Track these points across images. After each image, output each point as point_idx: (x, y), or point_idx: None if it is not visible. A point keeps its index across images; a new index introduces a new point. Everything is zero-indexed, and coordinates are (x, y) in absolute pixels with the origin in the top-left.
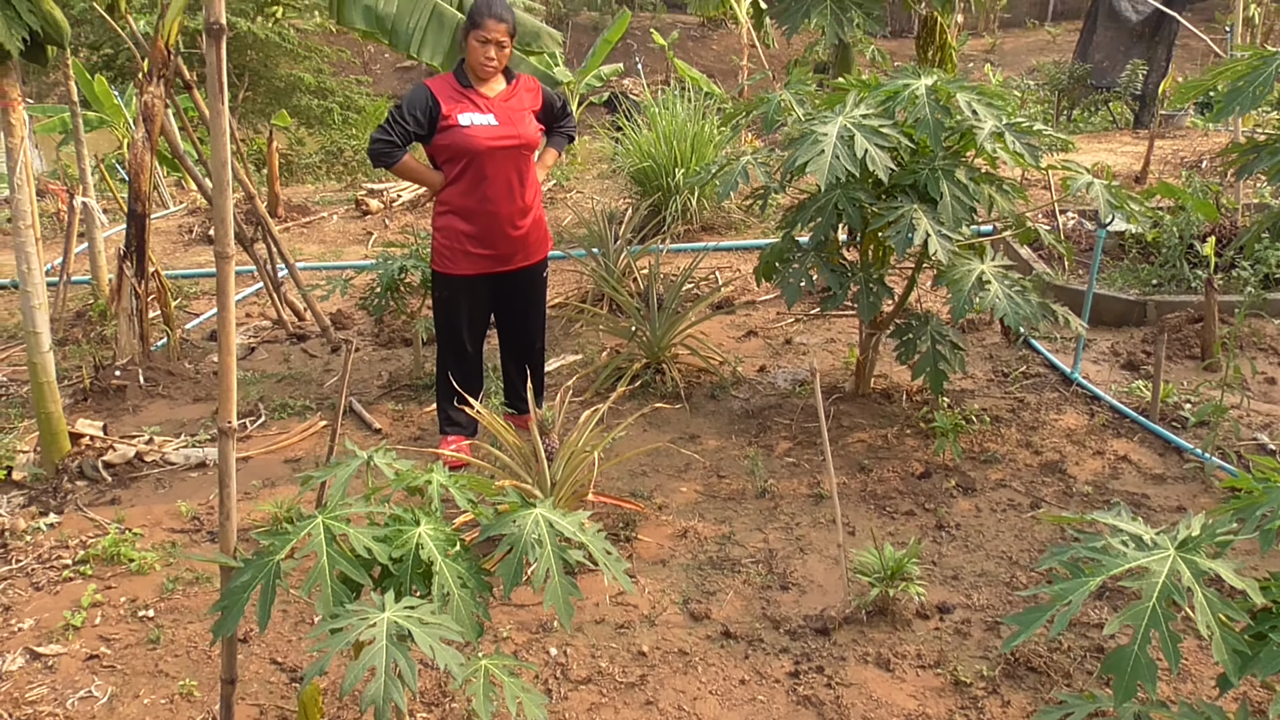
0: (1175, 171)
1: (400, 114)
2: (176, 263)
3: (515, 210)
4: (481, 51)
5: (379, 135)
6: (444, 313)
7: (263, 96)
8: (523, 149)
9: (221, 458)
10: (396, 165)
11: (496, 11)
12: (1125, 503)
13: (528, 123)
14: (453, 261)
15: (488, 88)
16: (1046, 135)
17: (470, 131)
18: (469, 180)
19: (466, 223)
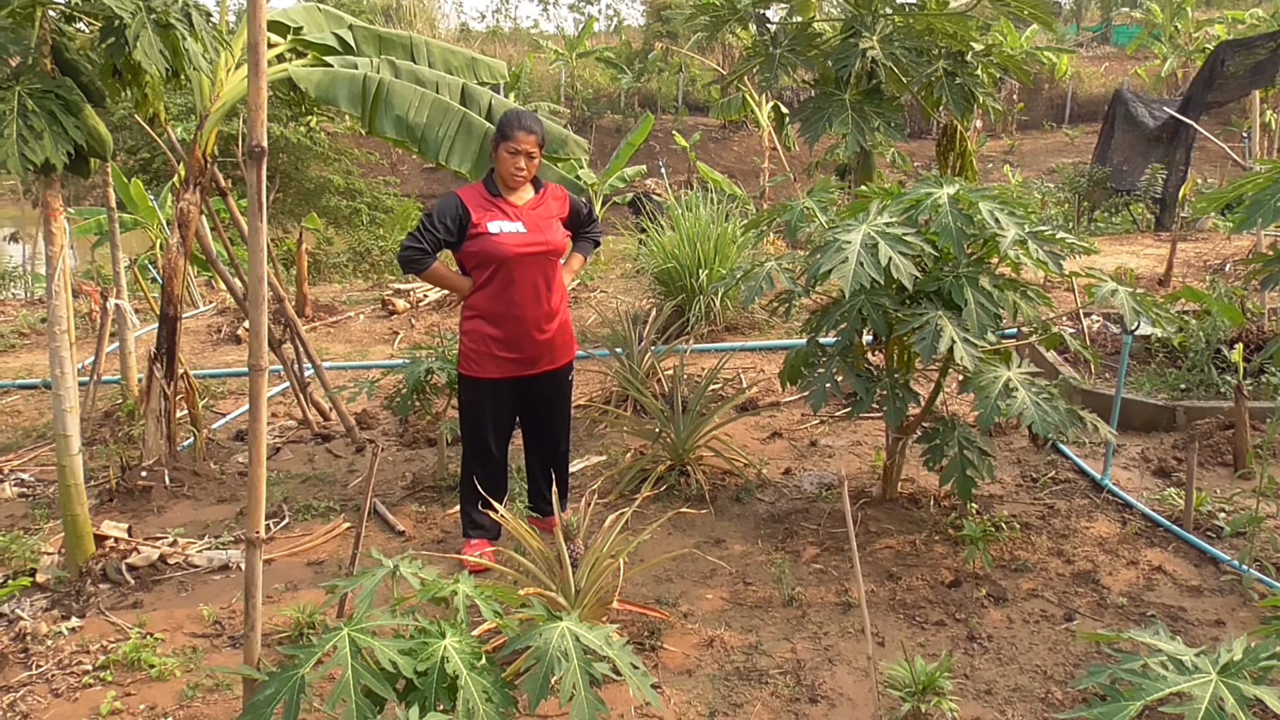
0: (1199, 275)
1: (431, 222)
2: (205, 362)
3: (542, 315)
4: (511, 162)
5: (410, 243)
6: (470, 416)
7: (293, 197)
8: (550, 255)
9: (248, 568)
10: (426, 271)
11: (526, 124)
12: (1161, 616)
13: (555, 230)
14: (479, 365)
15: (516, 196)
16: (1069, 242)
17: (499, 239)
18: (497, 285)
19: (494, 327)
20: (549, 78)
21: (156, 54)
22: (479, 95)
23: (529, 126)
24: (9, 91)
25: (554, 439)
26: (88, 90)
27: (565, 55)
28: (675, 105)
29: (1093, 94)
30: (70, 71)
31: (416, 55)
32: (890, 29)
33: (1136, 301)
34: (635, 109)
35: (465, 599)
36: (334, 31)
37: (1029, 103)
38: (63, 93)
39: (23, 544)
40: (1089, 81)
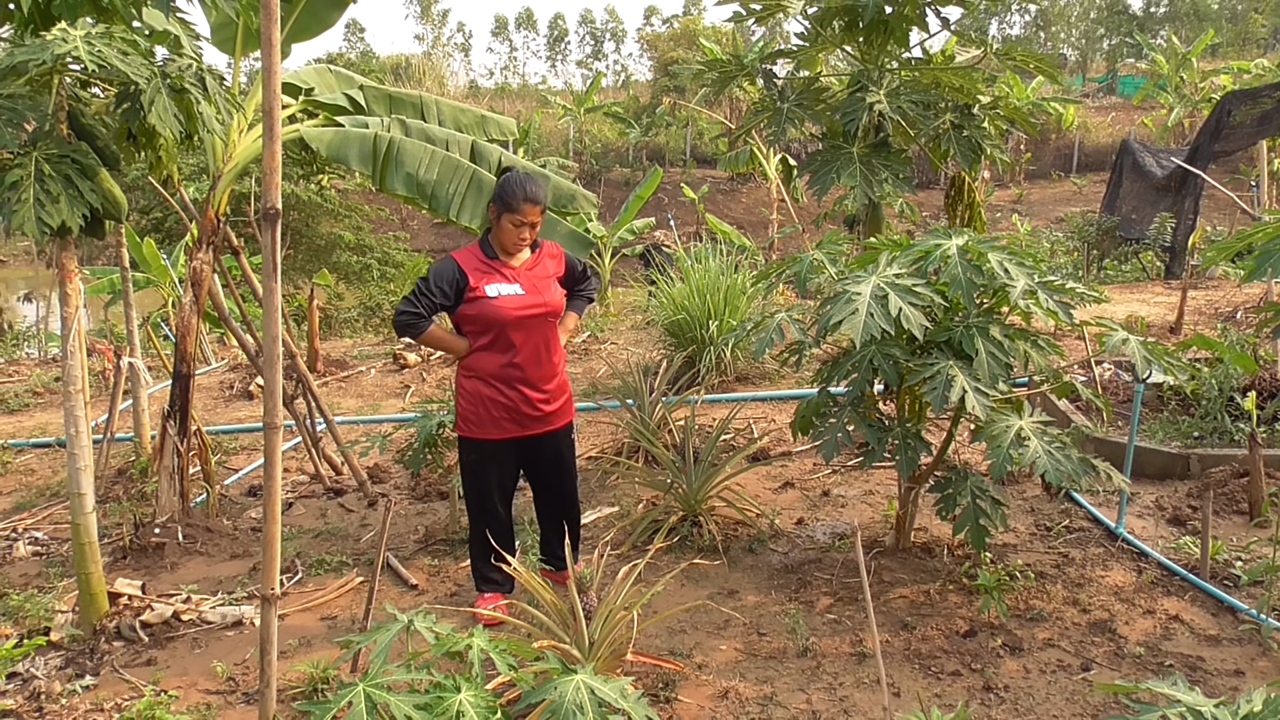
0: (1210, 323)
1: (427, 287)
2: (217, 418)
3: (541, 376)
4: (515, 234)
5: (405, 308)
6: (471, 477)
7: (304, 254)
8: (549, 316)
9: (263, 625)
10: (423, 335)
11: (531, 193)
12: (1179, 666)
13: (553, 290)
14: (479, 426)
15: (512, 258)
16: (1078, 291)
17: (498, 303)
18: (497, 348)
19: (492, 389)
20: (557, 133)
21: (171, 118)
22: (489, 152)
23: (534, 196)
24: (26, 157)
25: (563, 496)
26: (103, 154)
27: (573, 110)
28: (683, 158)
29: (1099, 143)
30: (86, 136)
31: (427, 114)
32: (897, 83)
33: (1148, 350)
34: (643, 162)
35: (480, 653)
36: (345, 92)
37: (1036, 152)
38: (78, 157)
39: (37, 603)
40: (1096, 131)
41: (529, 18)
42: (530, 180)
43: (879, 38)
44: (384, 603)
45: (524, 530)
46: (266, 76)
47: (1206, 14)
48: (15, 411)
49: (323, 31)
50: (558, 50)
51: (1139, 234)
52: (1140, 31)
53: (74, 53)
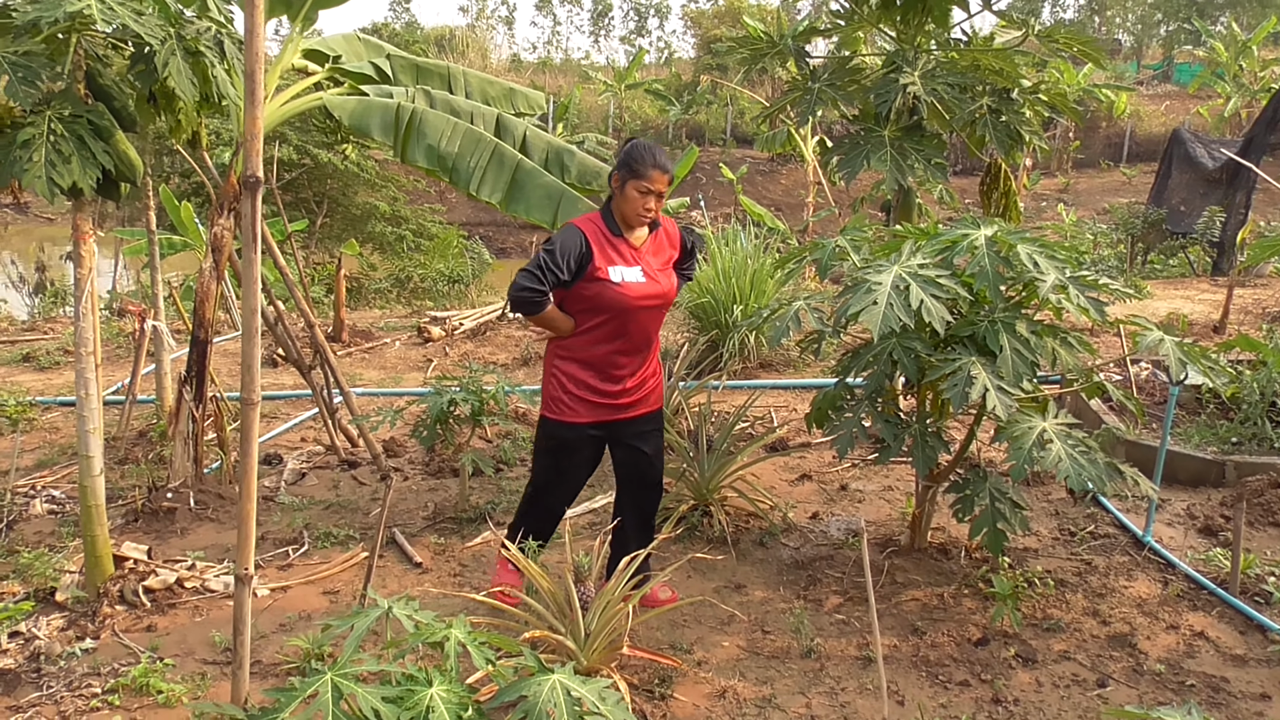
0: (1256, 323)
1: (553, 260)
2: (237, 385)
3: (643, 362)
4: (641, 202)
5: (529, 283)
6: (547, 461)
7: (339, 223)
8: (664, 306)
9: (236, 605)
10: (540, 314)
11: (661, 161)
12: (1202, 686)
13: (671, 277)
14: (570, 408)
15: (635, 236)
16: (1112, 287)
17: (621, 289)
18: (605, 333)
19: (590, 371)
20: (597, 109)
21: (185, 81)
22: (513, 126)
23: (664, 165)
24: (39, 116)
25: (654, 474)
26: (120, 115)
27: (614, 86)
28: (723, 138)
29: (1152, 133)
30: (104, 97)
31: (454, 85)
32: (933, 64)
33: (1183, 351)
34: (683, 141)
35: (456, 645)
36: (372, 61)
37: (1086, 140)
38: (93, 118)
39: (46, 561)
40: (1148, 120)
41: None
42: (660, 149)
43: (916, 16)
44: (386, 581)
45: None
46: (248, 37)
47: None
48: (46, 369)
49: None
50: (601, 25)
51: (1187, 228)
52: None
53: (86, 10)
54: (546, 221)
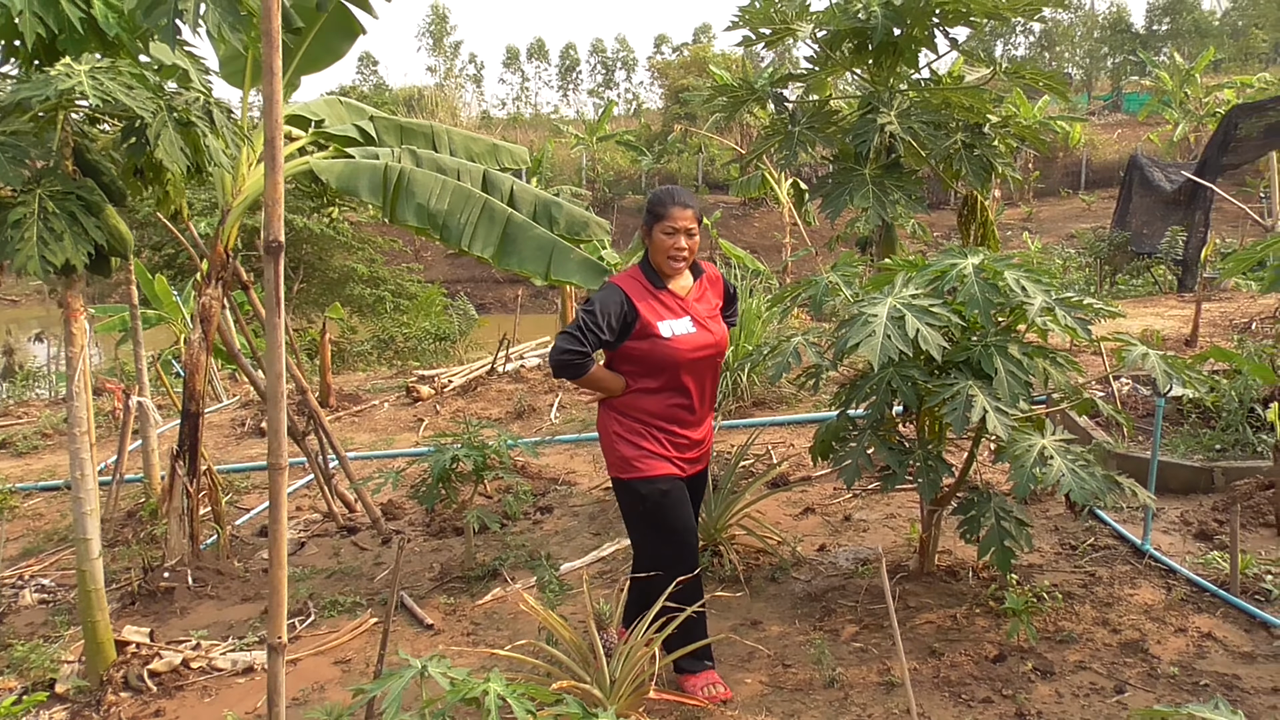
0: (1225, 334)
1: (594, 320)
2: (228, 456)
3: (703, 415)
4: (670, 243)
5: (569, 345)
6: (658, 516)
7: (317, 287)
8: (718, 356)
9: (271, 676)
10: (584, 377)
11: (680, 198)
12: (1215, 685)
13: (720, 324)
14: (646, 464)
15: (677, 284)
16: (1095, 307)
17: (674, 343)
18: (664, 391)
19: (656, 427)
20: (570, 161)
21: (178, 152)
22: (500, 181)
23: (683, 200)
24: (30, 195)
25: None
26: (109, 190)
27: (586, 139)
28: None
29: (1107, 160)
30: (92, 172)
31: (438, 143)
32: (907, 104)
33: (1167, 364)
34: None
35: (497, 699)
36: (355, 123)
37: (1045, 171)
38: (83, 194)
39: (42, 653)
40: (1103, 148)
41: (540, 48)
42: (678, 189)
43: (888, 59)
44: (399, 645)
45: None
46: (268, 105)
47: (1208, 30)
48: (24, 454)
49: (333, 62)
50: (569, 80)
51: (1150, 248)
52: (1143, 49)
53: (79, 88)
54: (540, 274)
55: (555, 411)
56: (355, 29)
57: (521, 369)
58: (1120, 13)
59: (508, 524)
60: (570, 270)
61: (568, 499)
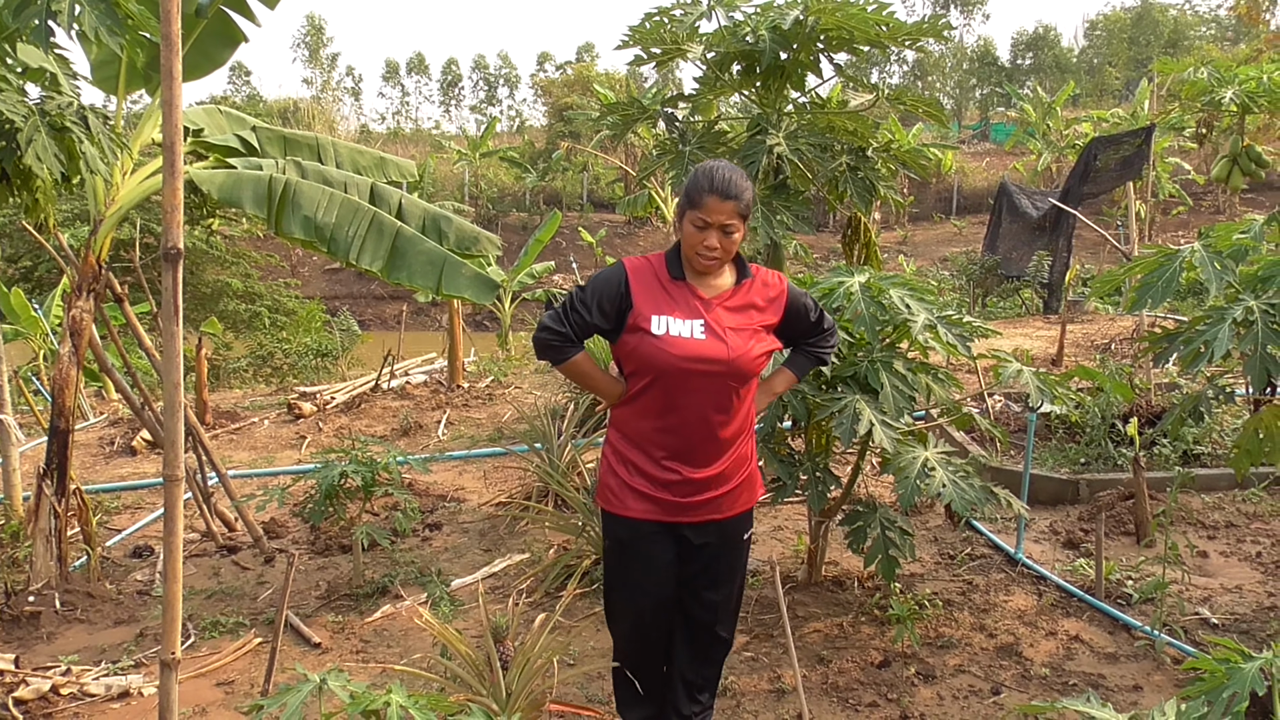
0: (1088, 354)
1: (581, 299)
2: (97, 476)
3: (708, 451)
4: (698, 240)
5: (548, 322)
6: (614, 564)
7: (189, 303)
8: (730, 378)
9: (163, 693)
10: (566, 364)
11: (720, 186)
12: (1083, 684)
13: (753, 341)
14: (618, 497)
15: (707, 283)
16: (974, 325)
17: (661, 343)
18: (650, 404)
19: (640, 454)
20: (453, 177)
21: (51, 158)
22: (389, 195)
23: (723, 189)
24: None
25: (708, 618)
26: None
27: (469, 155)
28: (580, 203)
29: (977, 187)
30: None
31: (324, 156)
32: (795, 126)
33: (1041, 380)
34: (540, 207)
35: (399, 710)
36: (236, 133)
37: (919, 196)
38: None
39: None
40: (973, 176)
41: (420, 62)
42: (725, 168)
43: (776, 82)
44: (286, 663)
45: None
46: (167, 110)
47: (1067, 66)
48: None
49: (213, 70)
50: (451, 95)
51: (1019, 271)
52: (1009, 82)
53: None
54: (430, 288)
55: (443, 428)
56: (237, 36)
57: (407, 385)
58: (987, 45)
59: (397, 540)
60: (461, 285)
61: (457, 515)
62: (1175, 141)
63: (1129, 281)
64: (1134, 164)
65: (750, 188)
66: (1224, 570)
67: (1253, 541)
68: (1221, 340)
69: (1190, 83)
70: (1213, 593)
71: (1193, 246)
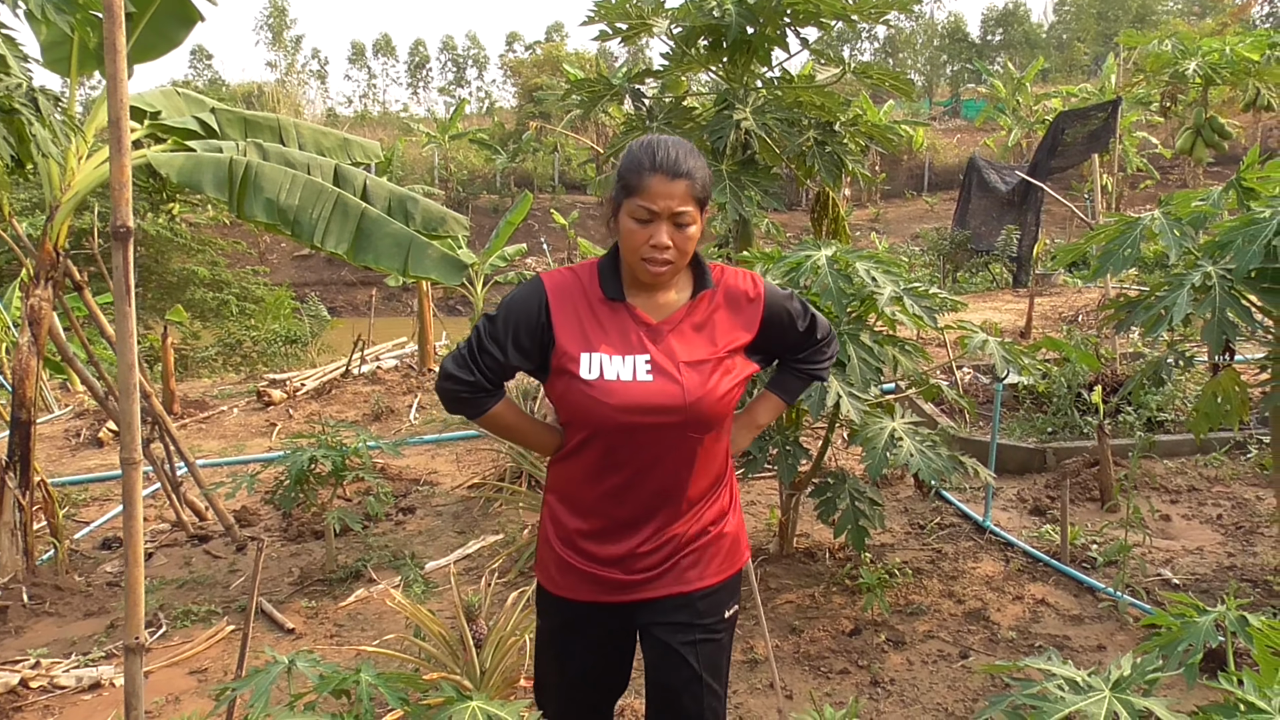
0: (1055, 326)
1: (492, 334)
2: (64, 469)
3: (668, 517)
4: (643, 237)
5: (450, 368)
6: (544, 650)
7: (154, 292)
8: (691, 428)
9: (129, 679)
10: (484, 417)
11: (665, 162)
12: (1048, 645)
13: (715, 378)
14: (559, 574)
15: (653, 302)
16: (941, 297)
17: (593, 390)
18: (591, 463)
19: (581, 517)
20: (422, 160)
21: (1, 141)
22: (353, 176)
23: (671, 166)
24: None
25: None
26: None
27: (438, 138)
28: (552, 184)
29: (948, 164)
30: None
31: (285, 138)
32: (762, 101)
33: (1006, 351)
34: (511, 189)
35: (369, 688)
36: (195, 115)
37: (890, 173)
38: None
39: None
40: (944, 152)
41: (388, 44)
42: (673, 142)
43: (743, 57)
44: (259, 649)
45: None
46: (112, 85)
47: (1037, 42)
48: None
49: (169, 50)
50: (419, 77)
51: (988, 246)
52: (979, 58)
53: None
54: (397, 269)
55: (415, 412)
56: (193, 15)
57: (378, 370)
58: (958, 22)
59: (370, 525)
60: (428, 266)
61: (430, 499)
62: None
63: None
64: (1101, 138)
65: (704, 166)
66: (1186, 533)
67: (1214, 504)
68: (1180, 305)
69: (1155, 55)
70: (1174, 554)
71: (1153, 214)
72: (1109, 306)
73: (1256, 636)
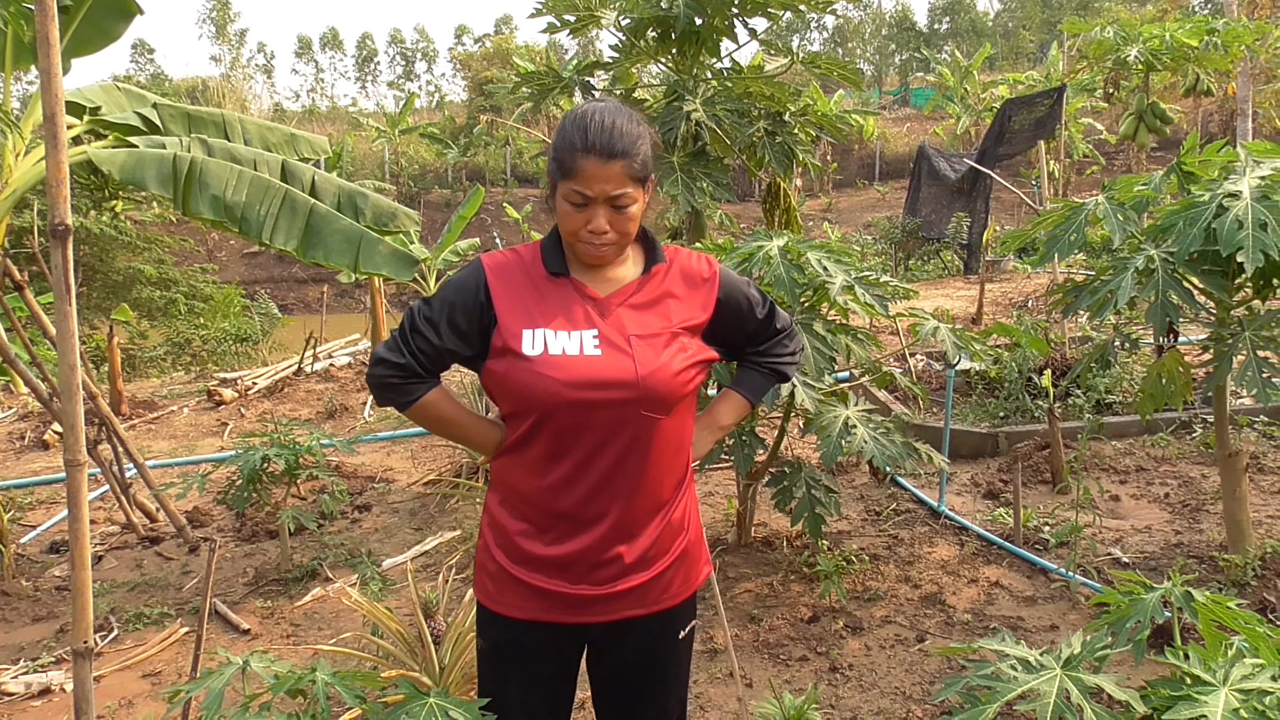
0: (1006, 312)
1: (427, 316)
2: (8, 472)
3: (625, 518)
4: (579, 221)
5: (382, 353)
6: (486, 673)
7: (99, 292)
8: (644, 406)
9: (78, 684)
10: (414, 408)
11: (598, 141)
12: (1003, 626)
13: (669, 353)
14: (498, 590)
15: (600, 276)
16: (892, 286)
17: (538, 366)
18: (538, 453)
19: (525, 521)
20: (372, 155)
21: None
22: (301, 172)
23: (605, 145)
24: None
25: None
26: None
27: (388, 132)
28: (504, 178)
29: (899, 152)
30: None
31: (231, 133)
32: (711, 92)
33: (957, 337)
34: (463, 183)
35: (325, 687)
36: (137, 111)
37: (842, 163)
38: None
39: None
40: (894, 141)
41: (335, 38)
42: (609, 112)
43: (691, 48)
44: (214, 651)
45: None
46: (45, 80)
47: (983, 30)
48: None
49: (106, 44)
50: (367, 71)
51: (939, 234)
52: (927, 47)
53: None
54: (348, 265)
55: (369, 410)
56: (131, 8)
57: (331, 368)
58: (905, 11)
59: (325, 523)
60: (379, 262)
61: (386, 496)
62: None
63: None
64: (1047, 124)
65: (645, 135)
66: (1134, 512)
67: (1161, 483)
68: (1125, 289)
69: (1097, 42)
70: (1124, 533)
71: (1097, 199)
72: (1057, 291)
73: (1201, 611)
